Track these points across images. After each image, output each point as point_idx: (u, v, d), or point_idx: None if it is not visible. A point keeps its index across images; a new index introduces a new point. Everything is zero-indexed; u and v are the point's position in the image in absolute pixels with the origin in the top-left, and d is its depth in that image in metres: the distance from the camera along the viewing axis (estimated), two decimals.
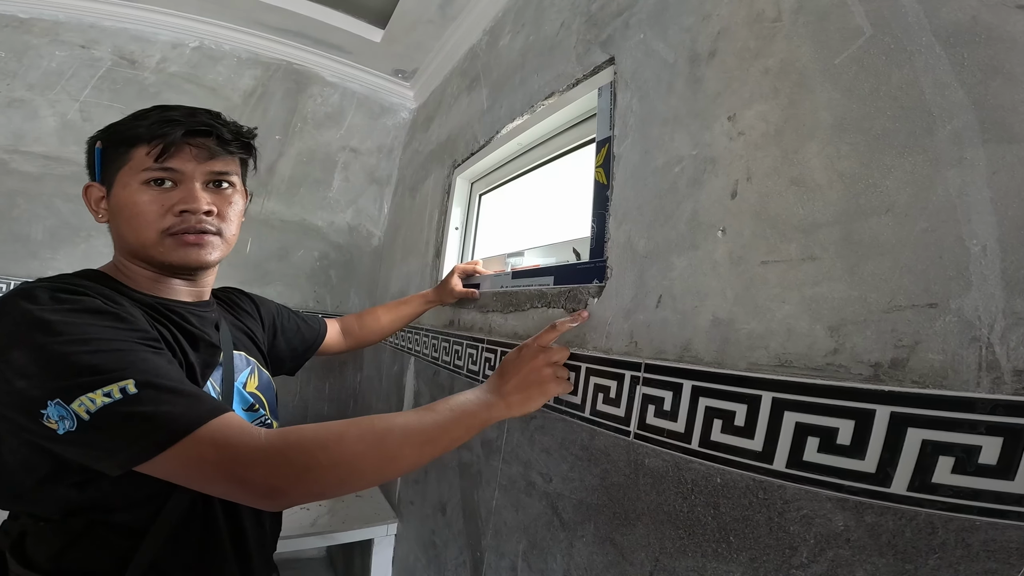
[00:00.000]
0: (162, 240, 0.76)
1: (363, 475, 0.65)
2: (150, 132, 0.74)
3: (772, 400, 0.62)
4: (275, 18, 2.11)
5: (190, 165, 0.77)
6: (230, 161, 0.83)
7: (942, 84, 0.53)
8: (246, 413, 0.88)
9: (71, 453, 0.59)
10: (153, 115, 0.77)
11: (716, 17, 0.81)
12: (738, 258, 0.71)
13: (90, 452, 0.58)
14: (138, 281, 0.80)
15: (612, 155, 1.00)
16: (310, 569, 2.54)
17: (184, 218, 0.77)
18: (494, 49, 1.72)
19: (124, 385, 0.57)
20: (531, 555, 1.07)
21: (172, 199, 0.76)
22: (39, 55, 1.97)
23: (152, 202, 0.75)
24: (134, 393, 0.57)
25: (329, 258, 2.69)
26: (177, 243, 0.77)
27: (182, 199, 0.76)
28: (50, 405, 0.55)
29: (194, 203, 0.77)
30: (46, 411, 0.55)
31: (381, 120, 2.64)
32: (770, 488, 0.62)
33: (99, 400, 0.55)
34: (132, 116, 0.78)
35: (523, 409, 0.85)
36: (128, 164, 0.75)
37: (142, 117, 0.77)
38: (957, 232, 0.50)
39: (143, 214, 0.75)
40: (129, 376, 0.57)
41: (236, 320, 1.04)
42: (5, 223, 1.96)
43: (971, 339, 0.48)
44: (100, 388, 0.56)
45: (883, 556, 0.51)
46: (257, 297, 1.20)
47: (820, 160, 0.62)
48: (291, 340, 1.23)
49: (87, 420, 0.55)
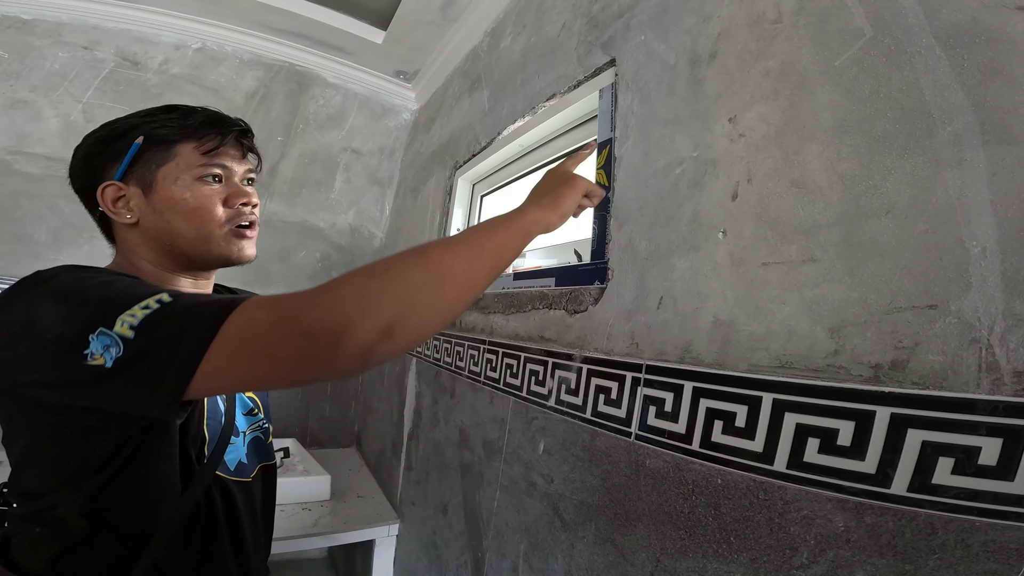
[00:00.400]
0: (222, 233, 0.78)
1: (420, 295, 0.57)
2: (203, 130, 0.76)
3: (773, 401, 0.63)
4: (277, 19, 2.11)
5: (235, 163, 0.80)
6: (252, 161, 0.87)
7: (942, 86, 0.53)
8: (245, 416, 0.89)
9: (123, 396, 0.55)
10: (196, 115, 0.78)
11: (717, 19, 0.81)
12: (739, 259, 0.71)
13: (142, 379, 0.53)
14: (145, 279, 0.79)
15: (613, 157, 1.00)
16: (311, 569, 2.54)
17: (240, 211, 0.79)
18: (495, 50, 1.72)
19: (159, 296, 0.55)
20: (532, 556, 1.07)
21: (224, 193, 0.78)
22: (42, 56, 1.97)
23: (213, 195, 0.77)
24: (170, 300, 0.55)
25: (331, 259, 2.69)
26: (235, 235, 0.79)
27: (235, 193, 0.79)
28: (92, 339, 0.52)
29: (249, 196, 0.80)
30: (89, 349, 0.52)
31: (383, 121, 2.64)
32: (771, 489, 0.62)
33: (139, 313, 0.53)
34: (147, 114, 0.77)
35: (559, 208, 0.78)
36: (174, 160, 0.75)
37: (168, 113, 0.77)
38: (957, 234, 0.50)
39: (205, 207, 0.76)
40: (162, 291, 0.56)
41: None
42: (8, 224, 1.97)
43: (971, 340, 0.48)
44: (137, 304, 0.53)
45: (883, 556, 0.51)
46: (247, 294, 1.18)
47: (820, 162, 0.63)
48: None
49: (131, 336, 0.52)
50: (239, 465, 0.83)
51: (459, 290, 0.62)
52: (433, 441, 1.68)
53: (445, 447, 1.58)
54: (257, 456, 0.91)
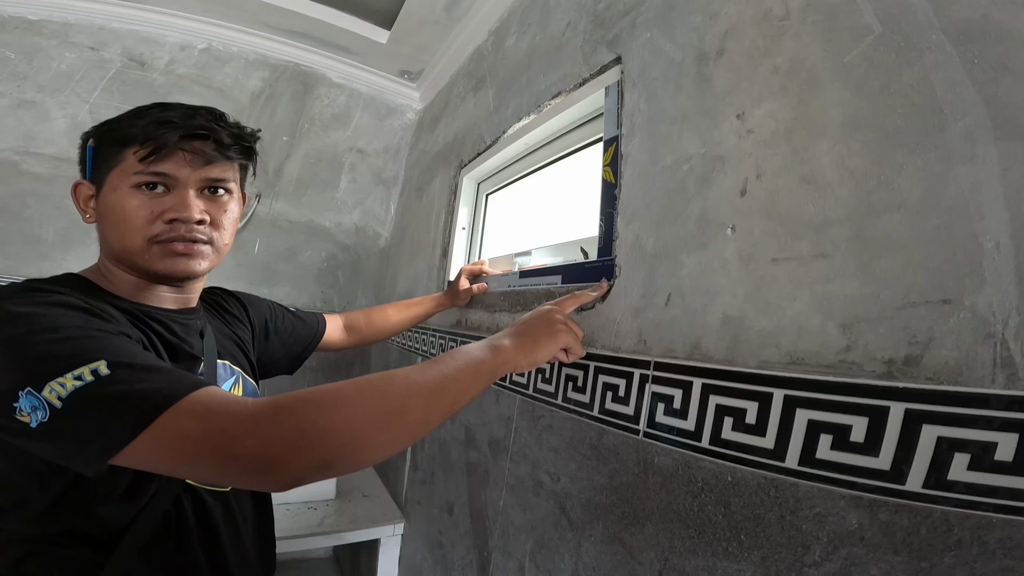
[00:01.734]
0: (149, 248, 0.73)
1: (368, 435, 0.56)
2: (144, 133, 0.71)
3: (784, 397, 0.62)
4: (282, 20, 2.12)
5: (184, 171, 0.74)
6: (228, 167, 0.80)
7: (953, 82, 0.53)
8: None
9: (46, 451, 0.54)
10: (150, 115, 0.73)
11: (724, 16, 0.81)
12: (748, 256, 0.71)
13: (65, 445, 0.53)
14: (121, 286, 0.77)
15: (620, 154, 1.00)
16: (316, 569, 2.54)
17: (174, 227, 0.74)
18: (500, 50, 1.72)
19: (96, 367, 0.53)
20: (539, 555, 1.07)
21: (163, 205, 0.73)
22: (49, 57, 1.98)
23: (141, 207, 0.72)
24: (107, 374, 0.53)
25: (336, 259, 2.70)
26: (164, 252, 0.74)
27: (173, 206, 0.73)
28: (21, 396, 0.52)
29: (185, 211, 0.73)
30: (18, 403, 0.52)
31: (387, 121, 2.65)
32: (782, 486, 0.62)
33: (70, 384, 0.51)
34: (130, 113, 0.75)
35: (531, 354, 0.78)
36: (120, 165, 0.72)
37: (139, 116, 0.74)
38: (970, 229, 0.50)
39: (130, 220, 0.72)
40: (101, 358, 0.54)
41: (224, 326, 1.01)
42: (16, 224, 1.98)
43: (985, 335, 0.48)
44: (70, 372, 0.52)
45: (898, 554, 0.51)
46: (246, 297, 1.16)
47: (831, 158, 0.62)
48: (286, 341, 1.20)
49: (59, 407, 0.51)
50: None
51: (411, 429, 0.61)
52: (439, 440, 1.68)
53: (451, 446, 1.58)
54: None
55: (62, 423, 0.51)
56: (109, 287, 0.77)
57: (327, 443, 0.53)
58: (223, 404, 0.54)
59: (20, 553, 0.65)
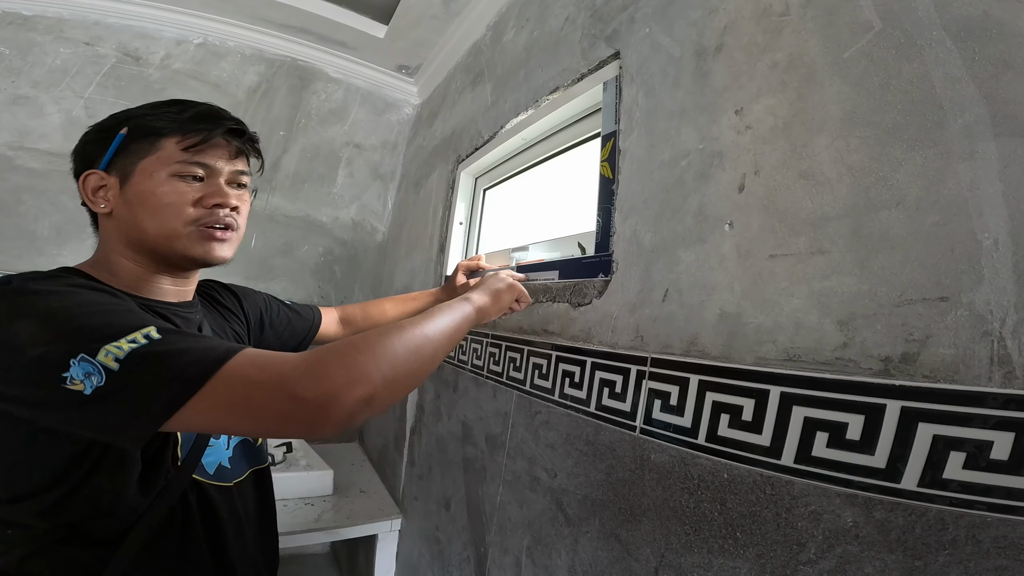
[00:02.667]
0: (188, 232, 0.76)
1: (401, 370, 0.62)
2: (189, 125, 0.75)
3: (780, 395, 0.62)
4: (279, 14, 2.11)
5: (221, 162, 0.78)
6: (247, 162, 0.85)
7: (953, 78, 0.53)
8: None
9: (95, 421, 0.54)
10: (192, 108, 0.77)
11: (723, 11, 0.81)
12: (746, 252, 0.70)
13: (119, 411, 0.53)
14: (121, 278, 0.78)
15: (617, 149, 1.00)
16: (314, 565, 2.55)
17: (213, 212, 0.77)
18: (498, 44, 1.71)
19: (147, 331, 0.54)
20: (535, 551, 1.07)
21: (201, 192, 0.76)
22: (44, 52, 1.97)
23: (184, 192, 0.74)
24: (159, 338, 0.54)
25: (333, 253, 2.69)
26: (203, 236, 0.77)
27: (212, 193, 0.76)
28: (73, 364, 0.52)
29: (225, 198, 0.77)
30: (69, 372, 0.51)
31: (385, 116, 2.64)
32: (778, 484, 0.62)
33: (125, 346, 0.52)
34: (160, 106, 0.78)
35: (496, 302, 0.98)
36: (156, 154, 0.74)
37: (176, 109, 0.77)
38: (969, 226, 0.50)
39: (173, 204, 0.74)
40: (148, 324, 0.56)
41: (219, 319, 1.01)
42: (11, 219, 1.97)
43: (983, 333, 0.48)
44: (124, 336, 0.53)
45: (892, 552, 0.51)
46: (241, 290, 1.16)
47: (829, 154, 0.62)
48: (281, 334, 1.20)
49: (116, 369, 0.51)
50: (219, 469, 0.81)
51: (427, 363, 0.70)
52: (436, 436, 1.68)
53: (448, 442, 1.58)
54: (247, 460, 0.89)
55: (120, 384, 0.52)
56: (110, 280, 0.76)
57: (373, 376, 0.58)
58: (273, 356, 0.57)
59: (26, 551, 0.65)
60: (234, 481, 0.84)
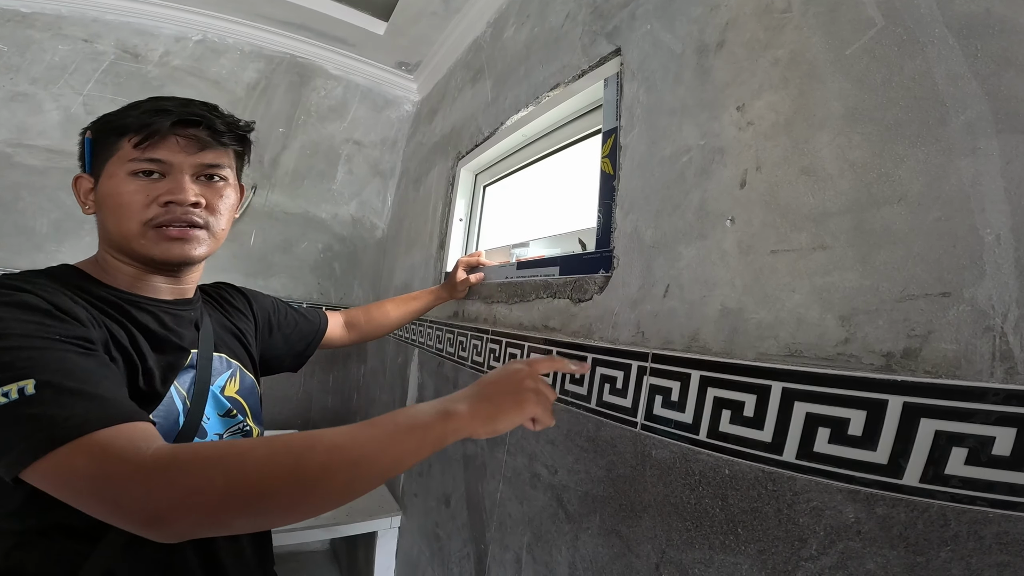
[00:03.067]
0: (144, 232, 0.74)
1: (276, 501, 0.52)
2: (139, 121, 0.72)
3: (782, 390, 0.62)
4: (278, 11, 2.10)
5: (179, 156, 0.75)
6: (222, 153, 0.81)
7: (955, 75, 0.52)
8: (221, 418, 0.85)
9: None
10: (145, 105, 0.75)
11: (724, 8, 0.81)
12: (747, 247, 0.70)
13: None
14: (116, 276, 0.78)
15: (618, 145, 1.00)
16: (313, 562, 2.55)
17: (169, 209, 0.74)
18: (498, 41, 1.71)
19: (23, 385, 0.53)
20: (535, 547, 1.08)
21: (158, 190, 0.74)
22: (42, 49, 1.96)
23: (136, 192, 0.73)
24: (31, 394, 0.52)
25: (333, 250, 2.69)
26: (160, 236, 0.74)
27: (168, 190, 0.74)
28: None
29: (180, 194, 0.74)
30: None
31: (384, 113, 2.64)
32: (779, 480, 0.62)
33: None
34: (126, 107, 0.77)
35: (490, 424, 0.65)
36: (116, 154, 0.74)
37: (134, 107, 0.75)
38: (970, 221, 0.50)
39: (126, 204, 0.73)
40: (32, 375, 0.53)
41: (224, 319, 1.01)
42: (10, 216, 1.96)
43: (984, 328, 0.48)
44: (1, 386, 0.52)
45: (894, 548, 0.51)
46: (252, 293, 1.16)
47: (831, 150, 0.62)
48: (289, 337, 1.20)
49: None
50: None
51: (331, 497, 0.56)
52: None
53: None
54: None
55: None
56: (105, 278, 0.77)
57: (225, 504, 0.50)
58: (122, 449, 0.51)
59: (11, 543, 0.65)
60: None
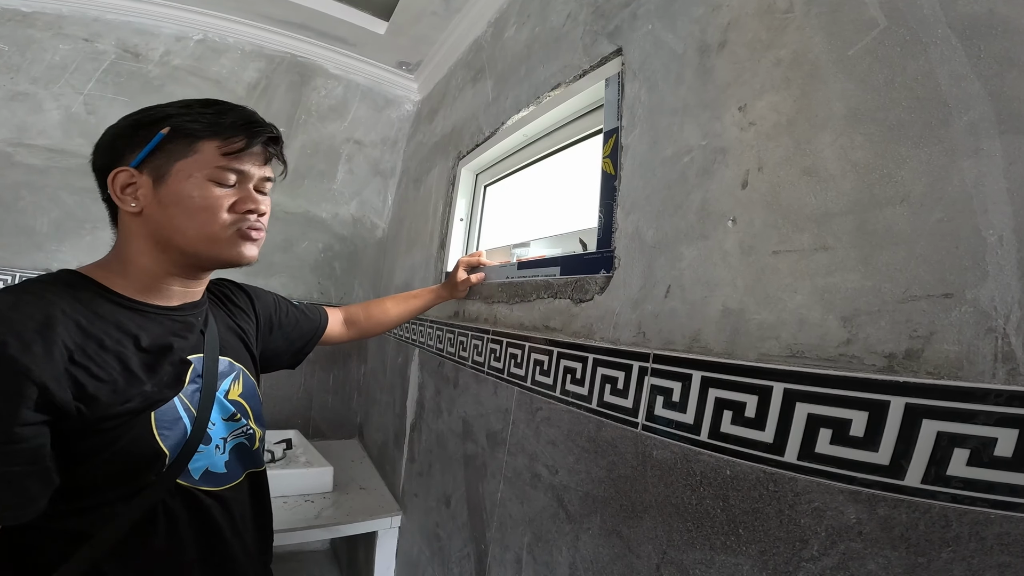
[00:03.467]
0: (225, 235, 0.78)
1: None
2: (230, 131, 0.76)
3: (783, 391, 0.62)
4: (279, 10, 2.10)
5: (254, 168, 0.81)
6: (273, 167, 0.87)
7: (958, 75, 0.52)
8: (225, 423, 0.86)
9: None
10: (232, 114, 0.78)
11: (726, 8, 0.81)
12: (749, 248, 0.70)
13: None
14: (132, 278, 0.78)
15: (620, 145, 1.00)
16: (313, 561, 2.55)
17: (246, 217, 0.80)
18: (499, 41, 1.71)
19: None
20: (536, 547, 1.07)
21: (233, 197, 0.78)
22: (42, 49, 1.96)
23: (223, 196, 0.77)
24: None
25: (333, 250, 2.69)
26: (240, 237, 0.80)
27: (245, 199, 0.79)
28: None
29: (258, 204, 0.81)
30: None
31: (385, 112, 2.64)
32: (781, 480, 0.62)
33: None
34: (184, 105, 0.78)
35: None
36: (193, 156, 0.75)
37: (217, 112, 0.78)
38: (973, 222, 0.50)
39: (212, 208, 0.76)
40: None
41: (228, 318, 1.01)
42: (10, 216, 1.97)
43: (987, 330, 0.48)
44: None
45: (895, 549, 0.51)
46: (254, 290, 1.17)
47: (833, 150, 0.62)
48: (289, 334, 1.21)
49: None
50: (207, 474, 0.80)
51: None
52: (436, 432, 1.69)
53: (448, 438, 1.58)
54: (242, 463, 0.88)
55: None
56: (115, 284, 0.76)
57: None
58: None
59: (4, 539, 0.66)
60: (228, 485, 0.84)
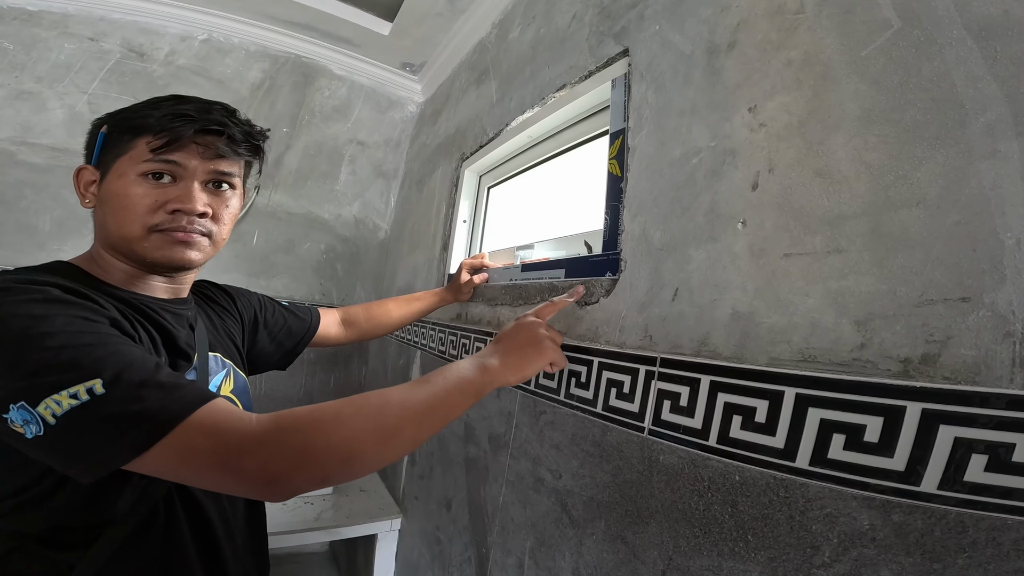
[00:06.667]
0: (147, 236, 0.73)
1: (364, 454, 0.60)
2: (159, 124, 0.72)
3: (795, 396, 0.61)
4: (284, 11, 2.10)
5: (194, 162, 0.75)
6: (235, 162, 0.81)
7: (974, 77, 0.52)
8: None
9: (41, 457, 0.55)
10: (166, 106, 0.74)
11: (735, 8, 0.80)
12: (759, 250, 0.70)
13: (60, 458, 0.54)
14: (112, 274, 0.77)
15: (626, 147, 0.99)
16: (312, 564, 2.54)
17: (175, 217, 0.74)
18: (504, 42, 1.70)
19: (91, 385, 0.52)
20: (539, 552, 1.06)
21: (167, 195, 0.73)
22: (48, 47, 1.96)
23: (145, 195, 0.72)
24: (102, 394, 0.52)
25: (335, 251, 2.69)
26: (164, 240, 0.74)
27: (177, 197, 0.74)
28: (12, 409, 0.51)
29: (189, 203, 0.74)
30: (8, 415, 0.52)
31: (388, 113, 2.63)
32: (792, 486, 0.61)
33: (65, 403, 0.51)
34: (145, 104, 0.76)
35: (520, 372, 0.82)
36: (129, 153, 0.73)
37: (154, 107, 0.74)
38: (991, 225, 0.49)
39: (133, 207, 0.72)
40: (97, 375, 0.53)
41: (214, 318, 1.00)
42: (13, 214, 1.96)
43: (1005, 334, 0.47)
44: (66, 388, 0.51)
45: (910, 555, 0.50)
46: (234, 290, 1.15)
47: (847, 152, 0.61)
48: (276, 334, 1.18)
49: (53, 424, 0.51)
50: None
51: (403, 447, 0.65)
52: (437, 435, 1.67)
53: (450, 441, 1.57)
54: None
55: (57, 440, 0.52)
56: (102, 275, 0.76)
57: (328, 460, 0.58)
58: (229, 421, 0.56)
59: (6, 548, 0.64)
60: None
